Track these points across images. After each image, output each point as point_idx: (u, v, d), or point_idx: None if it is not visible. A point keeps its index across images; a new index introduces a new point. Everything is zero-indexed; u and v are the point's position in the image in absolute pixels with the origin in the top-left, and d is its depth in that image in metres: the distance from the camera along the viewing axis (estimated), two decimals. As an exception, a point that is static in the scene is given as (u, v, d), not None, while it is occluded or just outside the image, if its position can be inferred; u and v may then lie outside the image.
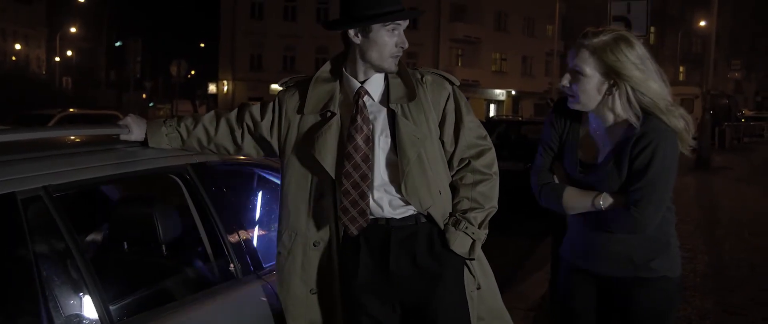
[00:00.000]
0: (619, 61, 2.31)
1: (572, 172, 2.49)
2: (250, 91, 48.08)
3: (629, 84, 2.32)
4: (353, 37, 2.32)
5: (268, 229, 3.15)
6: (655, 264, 2.43)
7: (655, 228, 2.39)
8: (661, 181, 2.33)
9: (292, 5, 48.21)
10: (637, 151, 2.31)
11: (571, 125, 2.51)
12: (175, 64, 34.21)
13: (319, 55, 49.19)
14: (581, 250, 2.55)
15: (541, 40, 47.02)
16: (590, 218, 2.45)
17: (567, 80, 2.41)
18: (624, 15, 9.22)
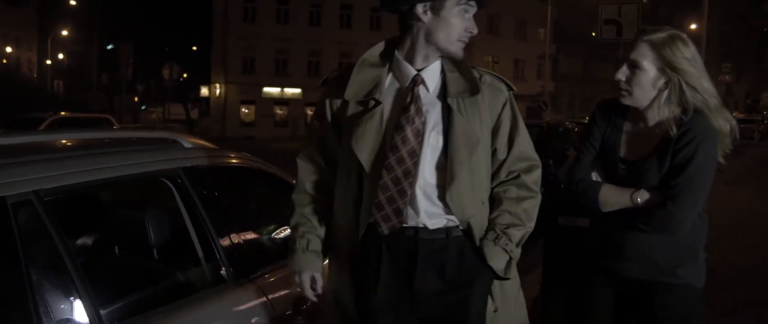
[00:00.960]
0: (676, 56, 2.36)
1: (613, 170, 2.51)
2: (242, 94, 48.01)
3: (684, 79, 2.36)
4: (421, 13, 2.12)
5: (260, 233, 3.15)
6: (680, 271, 2.44)
7: (686, 234, 2.41)
8: (700, 179, 2.35)
9: (285, 8, 48.16)
10: (680, 147, 2.35)
11: (614, 124, 2.54)
12: (167, 67, 34.15)
13: (311, 58, 49.16)
14: (607, 251, 2.55)
15: (532, 44, 47.12)
16: (619, 218, 2.46)
17: (624, 74, 2.42)
18: (615, 18, 9.29)
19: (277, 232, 3.36)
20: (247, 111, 49.17)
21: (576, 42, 50.76)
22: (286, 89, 49.38)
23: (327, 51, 49.07)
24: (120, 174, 2.42)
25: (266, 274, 2.78)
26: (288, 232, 3.42)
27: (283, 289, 2.80)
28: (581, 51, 54.42)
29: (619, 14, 9.37)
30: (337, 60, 49.70)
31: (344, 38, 49.24)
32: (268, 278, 2.75)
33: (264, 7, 47.41)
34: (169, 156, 2.58)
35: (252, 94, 48.24)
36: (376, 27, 50.52)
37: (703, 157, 2.34)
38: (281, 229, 3.42)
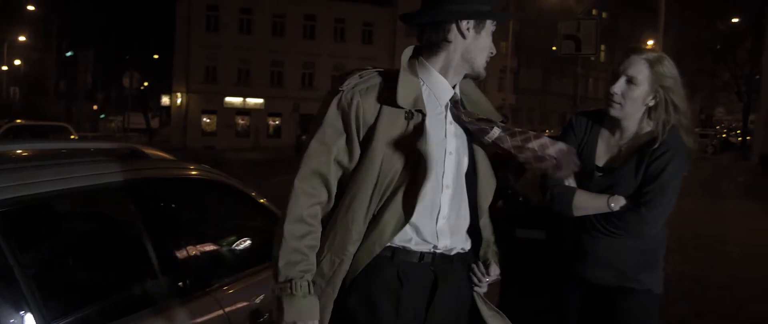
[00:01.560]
0: (668, 75, 2.55)
1: (588, 176, 2.63)
2: (204, 104, 47.57)
3: (669, 97, 2.54)
4: (465, 30, 2.04)
5: (218, 245, 3.14)
6: (643, 277, 2.62)
7: (650, 241, 2.60)
8: (671, 188, 2.53)
9: (248, 18, 47.93)
10: (655, 158, 2.52)
11: (591, 133, 2.70)
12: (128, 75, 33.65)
13: (274, 69, 48.97)
14: (575, 257, 2.69)
15: (495, 57, 47.24)
16: (589, 225, 2.60)
17: (620, 88, 2.56)
18: (574, 34, 9.45)
19: (236, 244, 3.36)
20: (209, 121, 48.72)
21: (536, 56, 51.47)
22: (248, 99, 49.06)
23: (290, 61, 48.94)
24: (76, 185, 2.39)
25: (223, 286, 2.78)
26: (247, 244, 3.44)
27: (240, 302, 2.81)
28: (541, 64, 55.19)
29: (578, 30, 9.53)
30: (300, 71, 49.63)
31: (307, 49, 49.20)
32: (225, 290, 2.75)
33: (227, 16, 47.12)
34: (127, 167, 2.56)
35: (214, 104, 47.83)
36: (339, 38, 50.58)
37: (674, 168, 2.51)
38: (240, 240, 3.42)
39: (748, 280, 7.19)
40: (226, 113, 48.59)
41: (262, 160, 31.97)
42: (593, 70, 64.19)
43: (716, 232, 10.54)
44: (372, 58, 50.58)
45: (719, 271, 7.52)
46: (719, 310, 5.86)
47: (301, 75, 49.91)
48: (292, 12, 48.36)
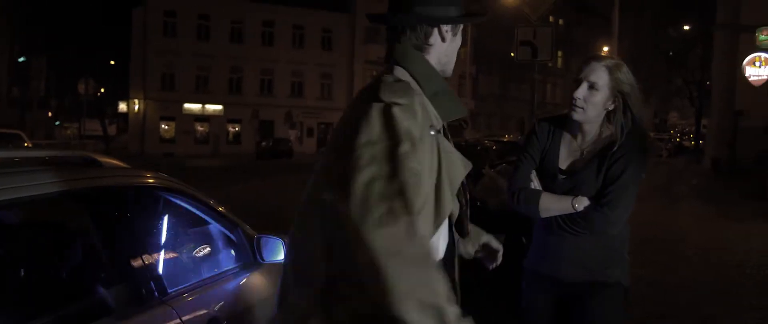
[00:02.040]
0: (624, 81, 2.69)
1: (552, 179, 2.78)
2: (161, 111, 47.03)
3: (629, 101, 2.69)
4: (445, 33, 1.96)
5: (175, 253, 3.10)
6: (610, 271, 2.77)
7: (613, 238, 2.73)
8: (631, 188, 2.67)
9: (206, 24, 47.57)
10: (615, 160, 2.66)
11: (553, 137, 2.84)
12: (83, 81, 33.10)
13: (233, 75, 48.66)
14: (544, 256, 2.83)
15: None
16: (555, 225, 2.73)
17: (582, 93, 2.70)
18: (530, 40, 9.57)
19: (193, 252, 3.32)
20: (167, 128, 48.18)
21: (495, 62, 52.01)
22: (207, 106, 48.66)
23: (248, 68, 48.71)
24: (28, 194, 2.34)
25: (180, 294, 2.75)
26: (205, 252, 3.40)
27: (197, 310, 2.77)
28: (500, 70, 55.80)
29: (535, 36, 9.66)
30: (259, 77, 49.41)
31: (266, 55, 49.02)
32: (181, 299, 2.71)
33: (184, 22, 46.71)
34: (78, 176, 2.51)
35: (172, 111, 47.33)
36: (298, 44, 50.50)
37: (633, 169, 2.65)
38: (198, 248, 3.38)
39: (704, 282, 7.35)
40: (185, 120, 48.12)
41: (222, 167, 31.70)
42: (550, 76, 65.22)
43: (673, 235, 10.76)
44: (331, 64, 50.66)
45: (676, 274, 7.68)
46: (676, 313, 5.98)
47: (260, 81, 49.69)
48: (251, 18, 48.14)
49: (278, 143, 44.37)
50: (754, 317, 5.90)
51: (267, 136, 46.67)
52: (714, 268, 8.16)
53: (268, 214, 12.51)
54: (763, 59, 18.51)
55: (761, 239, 10.57)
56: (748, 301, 6.50)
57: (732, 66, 25.79)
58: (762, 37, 17.71)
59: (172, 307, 2.59)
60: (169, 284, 2.72)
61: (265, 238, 3.45)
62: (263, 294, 3.51)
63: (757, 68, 18.87)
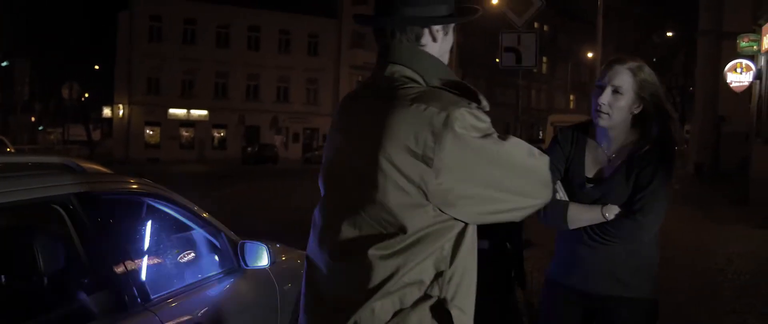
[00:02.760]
0: (649, 81, 2.61)
1: (579, 189, 2.66)
2: (147, 116, 46.80)
3: (655, 103, 2.60)
4: (436, 32, 1.90)
5: (158, 259, 3.10)
6: (640, 284, 2.64)
7: (646, 249, 2.62)
8: (663, 193, 2.56)
9: (192, 28, 47.41)
10: (645, 164, 2.56)
11: (577, 146, 2.73)
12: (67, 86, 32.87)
13: (219, 80, 48.51)
14: (571, 269, 2.69)
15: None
16: (585, 236, 2.61)
17: (607, 99, 2.60)
18: (515, 46, 9.62)
19: (177, 258, 3.32)
20: (152, 133, 47.95)
21: (480, 67, 52.17)
22: (193, 111, 48.48)
23: (234, 73, 48.57)
24: (8, 200, 2.34)
25: (163, 300, 2.76)
26: (189, 258, 3.40)
27: (180, 316, 2.78)
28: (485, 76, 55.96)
29: (519, 42, 9.70)
30: (245, 82, 49.29)
31: (252, 60, 48.90)
32: (164, 305, 2.72)
33: (170, 27, 46.52)
34: (60, 182, 2.51)
35: (157, 116, 47.10)
36: (284, 49, 50.44)
37: (663, 174, 2.56)
38: (181, 254, 3.38)
39: (686, 286, 7.41)
40: (170, 125, 47.90)
41: (208, 173, 31.57)
42: (536, 82, 65.55)
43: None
44: (317, 69, 50.64)
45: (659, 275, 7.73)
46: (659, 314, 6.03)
47: (246, 86, 49.57)
48: (237, 23, 48.04)
49: (264, 149, 44.27)
50: (733, 321, 5.97)
51: (253, 142, 46.55)
52: (696, 272, 8.22)
53: (253, 219, 12.49)
54: (745, 66, 18.67)
55: (743, 244, 10.66)
56: (729, 305, 6.57)
57: (714, 72, 26.00)
58: (743, 44, 17.85)
59: (154, 313, 2.60)
60: (152, 290, 2.72)
61: (248, 244, 3.46)
62: (246, 299, 3.52)
63: (739, 74, 19.04)
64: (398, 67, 1.86)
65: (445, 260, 1.74)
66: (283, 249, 4.28)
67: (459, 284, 1.76)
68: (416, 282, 1.73)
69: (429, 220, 1.71)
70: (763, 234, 11.71)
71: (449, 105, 1.71)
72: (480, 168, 1.71)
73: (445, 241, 1.74)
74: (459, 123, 1.69)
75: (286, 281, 3.84)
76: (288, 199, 16.66)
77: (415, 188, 1.69)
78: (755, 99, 17.87)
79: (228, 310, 3.20)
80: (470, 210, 1.73)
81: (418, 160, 1.68)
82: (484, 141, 1.72)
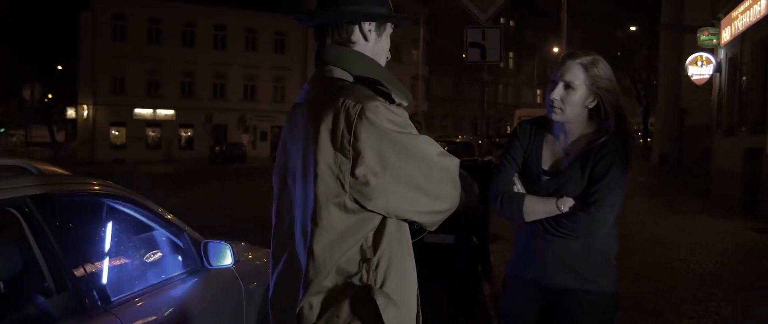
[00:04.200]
0: (602, 76, 2.62)
1: (536, 181, 2.68)
2: (112, 116, 46.19)
3: (609, 96, 2.61)
4: (367, 31, 1.95)
5: (118, 260, 3.07)
6: (598, 277, 2.64)
7: (601, 242, 2.63)
8: (618, 186, 2.57)
9: (157, 28, 46.88)
10: (600, 157, 2.58)
11: (535, 139, 2.75)
12: (29, 87, 32.30)
13: (185, 79, 48.04)
14: (529, 262, 2.71)
15: (406, 65, 48.24)
16: (541, 228, 2.62)
17: (559, 94, 2.63)
18: (479, 41, 9.66)
19: (139, 259, 3.29)
20: (118, 133, 47.34)
21: (447, 63, 52.39)
22: (159, 111, 47.96)
23: (201, 72, 48.14)
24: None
25: (125, 302, 2.73)
26: (151, 259, 3.37)
27: (142, 317, 2.76)
28: (452, 72, 56.23)
29: (483, 38, 9.75)
30: (212, 81, 48.86)
31: (218, 59, 48.51)
32: (126, 306, 2.69)
33: (134, 26, 45.95)
34: (14, 184, 2.48)
35: (122, 116, 46.52)
36: (251, 47, 50.10)
37: (619, 167, 2.57)
38: (144, 256, 3.35)
39: (650, 276, 7.54)
40: (136, 125, 47.35)
41: (175, 173, 31.27)
42: (503, 76, 66.00)
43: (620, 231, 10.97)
44: (284, 67, 50.41)
45: (623, 268, 7.85)
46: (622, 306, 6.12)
47: (213, 85, 49.17)
48: (202, 22, 47.62)
49: (232, 148, 43.96)
50: (695, 309, 6.08)
51: (220, 141, 46.20)
52: (659, 263, 8.37)
53: (220, 219, 12.42)
54: (705, 59, 19.00)
55: (705, 234, 10.88)
56: (691, 295, 6.70)
57: (676, 66, 26.51)
58: (703, 38, 18.17)
59: (116, 315, 2.57)
60: (113, 292, 2.70)
61: (212, 243, 3.44)
62: (211, 299, 3.50)
63: (700, 68, 19.37)
64: (329, 67, 1.93)
65: (371, 249, 1.81)
66: (248, 248, 4.27)
67: (388, 269, 1.81)
68: (344, 273, 1.80)
69: (351, 212, 1.78)
70: (724, 224, 11.96)
71: (365, 98, 1.78)
72: (393, 160, 1.77)
73: (369, 230, 1.81)
74: (372, 114, 1.75)
75: (252, 280, 3.83)
76: (256, 198, 16.57)
77: (335, 180, 1.77)
78: (716, 91, 18.22)
79: (192, 310, 3.18)
80: (385, 204, 1.79)
81: (337, 152, 1.76)
82: (398, 134, 1.78)
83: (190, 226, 3.55)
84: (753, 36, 14.13)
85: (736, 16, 15.10)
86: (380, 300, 1.78)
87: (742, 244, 9.90)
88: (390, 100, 1.83)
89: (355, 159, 1.75)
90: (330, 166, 1.77)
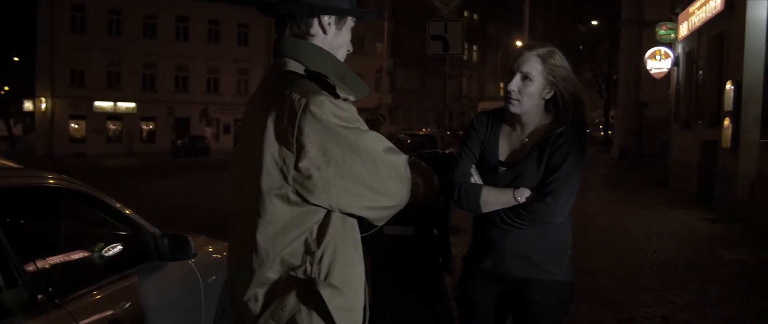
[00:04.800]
0: (559, 67, 2.64)
1: (493, 172, 2.70)
2: (71, 109, 45.36)
3: (566, 88, 2.63)
4: (326, 25, 1.94)
5: (73, 255, 3.03)
6: (554, 268, 2.67)
7: (557, 232, 2.65)
8: (573, 176, 2.60)
9: (117, 19, 46.11)
10: (556, 148, 2.60)
11: (493, 130, 2.76)
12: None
13: (146, 71, 47.38)
14: (486, 252, 2.73)
15: (371, 58, 48.20)
16: (498, 219, 2.64)
17: (516, 85, 2.64)
18: (441, 34, 9.71)
19: (94, 253, 3.25)
20: (77, 126, 46.50)
21: (412, 56, 52.47)
22: (120, 103, 47.22)
23: (162, 63, 47.48)
24: None
25: (78, 298, 2.69)
26: (106, 253, 3.33)
27: (96, 313, 2.72)
28: (417, 65, 56.35)
29: (446, 31, 9.80)
30: (174, 73, 48.26)
31: (180, 51, 47.92)
32: (79, 302, 2.66)
33: (94, 17, 45.13)
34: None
35: (82, 109, 45.70)
36: (214, 39, 49.57)
37: (575, 158, 2.59)
38: (99, 250, 3.31)
39: (608, 266, 7.68)
40: (96, 118, 46.58)
41: (136, 167, 30.85)
42: (466, 70, 66.30)
43: (580, 223, 11.12)
44: (248, 59, 49.99)
45: (582, 259, 7.97)
46: (580, 296, 6.21)
47: (175, 78, 48.57)
48: (164, 13, 46.97)
49: (194, 141, 43.52)
50: (652, 299, 6.21)
51: (183, 134, 45.68)
52: (617, 253, 8.52)
53: (183, 212, 12.30)
54: (663, 53, 19.31)
55: (662, 225, 11.10)
56: (648, 284, 6.83)
57: (636, 60, 26.90)
58: (662, 32, 18.49)
59: (68, 311, 2.53)
60: (67, 288, 2.66)
61: (170, 237, 3.41)
62: (168, 293, 3.47)
63: (658, 62, 19.68)
64: (285, 59, 1.92)
65: (315, 242, 1.82)
66: (207, 241, 4.24)
67: (332, 262, 1.83)
68: (288, 265, 1.81)
69: (294, 204, 1.79)
70: (682, 214, 12.22)
71: (310, 92, 1.78)
72: (337, 155, 1.77)
73: (313, 223, 1.82)
74: (317, 109, 1.75)
75: (211, 273, 3.81)
76: (218, 191, 16.43)
77: (279, 172, 1.78)
78: (674, 85, 18.54)
79: (149, 305, 3.15)
80: (328, 198, 1.79)
81: (281, 145, 1.77)
82: (343, 129, 1.78)
83: (151, 220, 3.52)
84: (709, 31, 14.40)
85: (693, 11, 15.37)
86: (325, 291, 1.79)
87: (698, 234, 10.13)
88: (336, 94, 1.82)
89: (299, 152, 1.75)
90: (275, 159, 1.77)
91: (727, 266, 7.90)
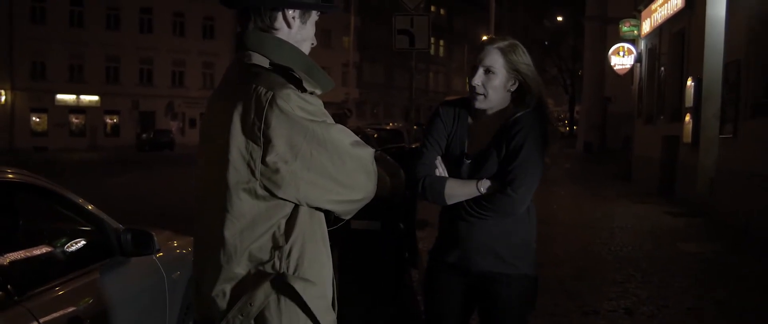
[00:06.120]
0: (521, 61, 2.66)
1: (458, 164, 2.69)
2: (32, 102, 44.49)
3: (527, 81, 2.65)
4: (291, 18, 1.92)
5: (32, 251, 2.98)
6: (518, 261, 2.67)
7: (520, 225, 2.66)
8: (533, 164, 2.59)
9: (79, 10, 45.29)
10: (512, 135, 2.60)
11: (458, 121, 2.75)
12: (-60, 72, 30.71)
13: (110, 64, 46.67)
14: (451, 245, 2.72)
15: (337, 52, 48.09)
16: (462, 211, 2.63)
17: (480, 79, 2.64)
18: (407, 28, 9.74)
19: (54, 249, 3.20)
20: (39, 120, 45.63)
21: (379, 50, 52.45)
22: (83, 96, 46.45)
23: (126, 56, 46.81)
24: None
25: (38, 294, 2.65)
26: (67, 249, 3.28)
27: (56, 310, 2.68)
28: (384, 59, 56.35)
29: (412, 25, 9.82)
30: (138, 66, 47.63)
31: (145, 43, 47.28)
32: (39, 299, 2.61)
33: (55, 8, 44.27)
34: None
35: (43, 102, 44.85)
36: (179, 31, 49.00)
37: (532, 144, 2.58)
38: (59, 246, 3.26)
39: (572, 259, 7.78)
40: (58, 112, 45.76)
41: (100, 161, 30.40)
42: (433, 64, 66.51)
43: (545, 216, 11.26)
44: (214, 53, 49.52)
45: (545, 251, 8.05)
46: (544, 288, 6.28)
47: (139, 71, 47.92)
48: (127, 5, 46.28)
49: (159, 135, 43.00)
50: (615, 291, 6.30)
51: (148, 128, 45.11)
52: (581, 247, 8.64)
53: (147, 207, 12.14)
54: (626, 49, 19.62)
55: (625, 218, 11.27)
56: (611, 277, 6.94)
57: (600, 56, 27.29)
58: (625, 29, 18.77)
59: (27, 308, 2.49)
60: (27, 284, 2.61)
61: (132, 232, 3.36)
62: (132, 289, 3.43)
63: (621, 57, 20.00)
64: (249, 52, 1.90)
65: (283, 236, 1.81)
66: (172, 236, 4.19)
67: (301, 256, 1.82)
68: (256, 260, 1.80)
69: (261, 199, 1.78)
70: (644, 208, 12.42)
71: (276, 85, 1.77)
72: (304, 148, 1.76)
73: (281, 218, 1.81)
74: (283, 102, 1.74)
75: (175, 269, 3.77)
76: (184, 185, 16.27)
77: (246, 167, 1.76)
78: (637, 81, 18.83)
79: (111, 301, 3.11)
80: (296, 192, 1.78)
81: (248, 139, 1.75)
82: (310, 123, 1.77)
83: (114, 216, 3.46)
84: (671, 28, 14.64)
85: (655, 8, 15.61)
86: (298, 284, 1.79)
87: (659, 227, 10.31)
88: (302, 87, 1.81)
89: (266, 146, 1.74)
90: (241, 153, 1.76)
91: (688, 259, 8.05)
